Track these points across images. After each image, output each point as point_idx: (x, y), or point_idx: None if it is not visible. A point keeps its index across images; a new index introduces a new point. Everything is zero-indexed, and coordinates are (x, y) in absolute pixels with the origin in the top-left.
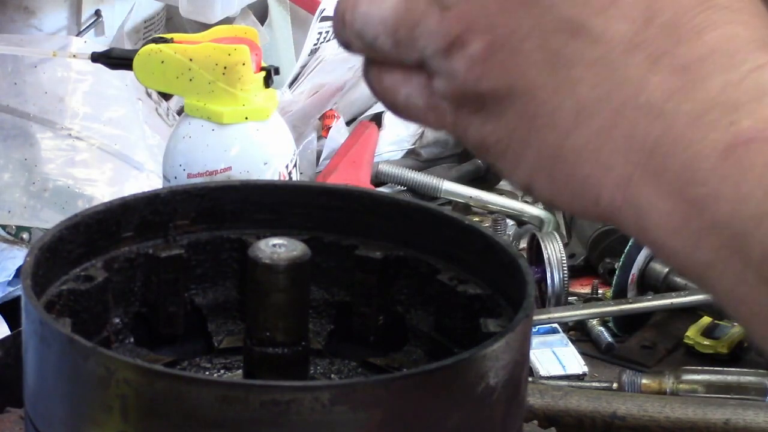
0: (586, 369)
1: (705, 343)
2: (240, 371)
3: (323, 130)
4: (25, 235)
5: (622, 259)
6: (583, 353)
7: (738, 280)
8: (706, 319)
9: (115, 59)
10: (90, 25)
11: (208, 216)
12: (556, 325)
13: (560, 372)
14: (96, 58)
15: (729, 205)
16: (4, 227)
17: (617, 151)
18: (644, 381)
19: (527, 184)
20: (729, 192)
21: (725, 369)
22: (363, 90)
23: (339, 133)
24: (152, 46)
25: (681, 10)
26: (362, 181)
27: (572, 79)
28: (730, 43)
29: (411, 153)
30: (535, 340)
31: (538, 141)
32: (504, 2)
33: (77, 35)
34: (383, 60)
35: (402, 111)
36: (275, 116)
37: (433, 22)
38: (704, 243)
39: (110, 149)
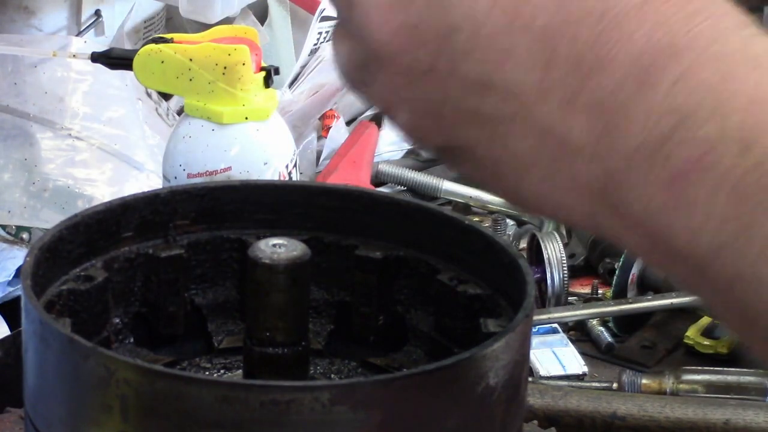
0: (586, 369)
1: (705, 343)
2: (240, 371)
3: (323, 130)
4: (25, 235)
5: (622, 259)
6: (583, 353)
7: (713, 302)
8: (706, 319)
9: (115, 59)
10: (90, 25)
11: (208, 216)
12: (556, 325)
13: (560, 372)
14: (96, 58)
15: (685, 238)
16: (4, 227)
17: (569, 193)
18: (644, 381)
19: (521, 210)
20: (682, 226)
21: (725, 369)
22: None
23: (339, 133)
24: (152, 46)
25: (579, 41)
26: (362, 181)
27: (500, 134)
28: (637, 64)
29: (411, 153)
30: (535, 340)
31: (499, 186)
32: (408, 77)
33: (77, 35)
34: None
35: None
36: (275, 116)
37: (367, 92)
38: (674, 269)
39: (110, 149)
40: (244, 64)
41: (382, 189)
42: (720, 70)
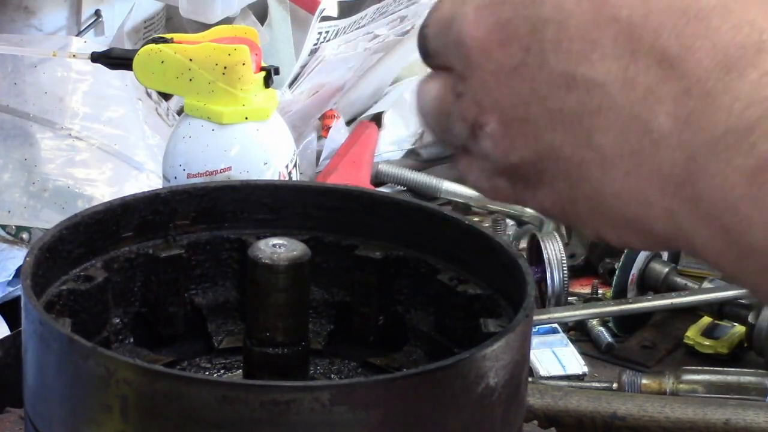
0: (586, 369)
1: (705, 343)
2: (240, 371)
3: (323, 130)
4: (25, 235)
5: (622, 259)
6: (583, 353)
7: None
8: (706, 319)
9: (115, 59)
10: (90, 25)
11: (208, 216)
12: (556, 325)
13: (560, 372)
14: (96, 58)
15: (763, 231)
16: (4, 227)
17: (651, 187)
18: (644, 381)
19: (597, 236)
20: (761, 218)
21: (725, 369)
22: (363, 90)
23: (339, 133)
24: (152, 46)
25: (664, 31)
26: (362, 181)
27: (585, 130)
28: (725, 55)
29: (411, 153)
30: (535, 340)
31: (582, 196)
32: (499, 75)
33: (77, 35)
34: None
35: (479, 192)
36: (275, 116)
37: (456, 110)
38: (747, 266)
39: (110, 149)
40: (244, 64)
41: (382, 189)
42: None
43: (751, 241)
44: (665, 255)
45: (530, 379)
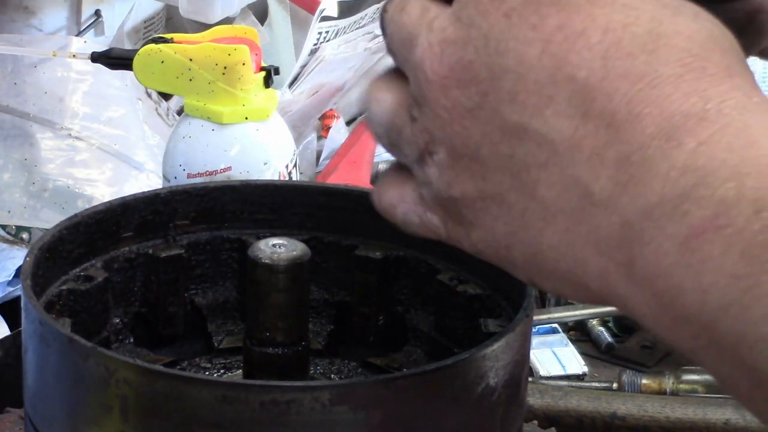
0: (586, 369)
1: None
2: (240, 371)
3: (323, 130)
4: (25, 235)
5: None
6: (583, 353)
7: (719, 365)
8: None
9: (115, 59)
10: (90, 25)
11: (208, 216)
12: (556, 325)
13: (560, 372)
14: (96, 58)
15: (694, 297)
16: (4, 227)
17: (587, 246)
18: (644, 381)
19: (529, 281)
20: (692, 284)
21: None
22: (363, 90)
23: (339, 133)
24: (152, 46)
25: (617, 96)
26: (362, 181)
27: (530, 181)
28: (668, 123)
29: None
30: (535, 340)
31: (519, 242)
32: (454, 112)
33: (77, 35)
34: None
35: (403, 226)
36: (275, 116)
37: (409, 131)
38: (681, 332)
39: (110, 149)
40: (244, 64)
41: None
42: (745, 137)
43: (683, 307)
44: None
45: (530, 379)
